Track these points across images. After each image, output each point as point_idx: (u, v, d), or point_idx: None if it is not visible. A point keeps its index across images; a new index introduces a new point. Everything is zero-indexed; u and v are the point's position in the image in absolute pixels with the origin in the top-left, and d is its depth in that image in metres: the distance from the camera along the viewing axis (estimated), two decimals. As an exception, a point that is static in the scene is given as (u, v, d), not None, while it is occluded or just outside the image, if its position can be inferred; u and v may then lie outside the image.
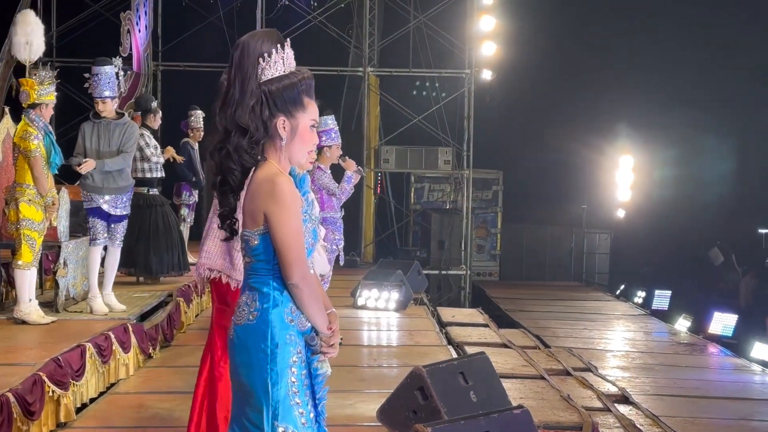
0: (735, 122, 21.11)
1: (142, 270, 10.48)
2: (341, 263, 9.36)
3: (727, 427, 8.48)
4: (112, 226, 8.33)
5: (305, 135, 3.43)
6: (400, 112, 18.74)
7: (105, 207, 8.21)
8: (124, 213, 8.36)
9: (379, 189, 21.08)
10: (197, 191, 12.32)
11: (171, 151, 11.32)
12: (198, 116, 12.24)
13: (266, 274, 3.34)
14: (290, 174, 3.43)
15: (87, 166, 8.05)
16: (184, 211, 12.16)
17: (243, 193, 3.37)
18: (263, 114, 3.31)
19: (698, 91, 20.37)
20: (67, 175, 9.57)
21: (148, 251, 10.40)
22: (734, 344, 13.90)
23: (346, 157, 9.21)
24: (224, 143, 3.31)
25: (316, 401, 3.39)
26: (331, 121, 8.98)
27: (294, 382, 3.30)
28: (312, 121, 3.45)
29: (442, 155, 19.09)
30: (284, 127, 3.35)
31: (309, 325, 3.38)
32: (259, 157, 3.34)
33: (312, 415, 3.35)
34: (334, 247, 8.96)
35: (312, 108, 3.44)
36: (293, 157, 3.43)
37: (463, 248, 19.16)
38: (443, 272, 19.32)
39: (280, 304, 3.32)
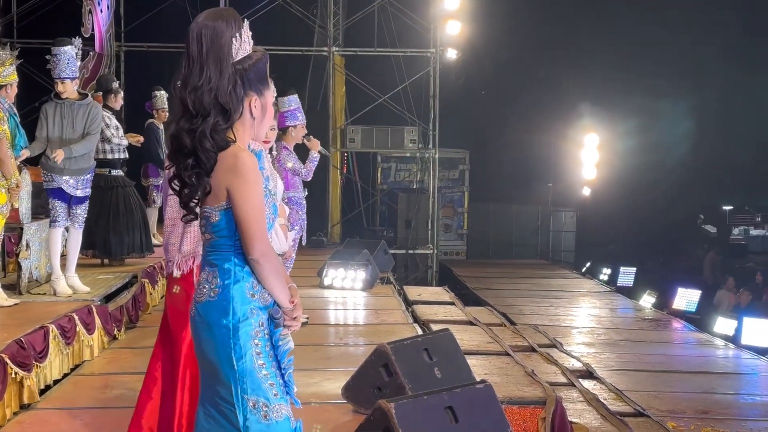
0: (690, 82, 21.26)
1: (102, 250, 10.37)
2: (304, 243, 9.34)
3: (690, 400, 8.58)
4: (74, 207, 8.25)
5: (270, 111, 3.48)
6: (366, 92, 18.76)
7: (66, 188, 8.12)
8: (86, 194, 8.27)
9: (345, 169, 21.11)
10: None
11: (134, 138, 11.21)
12: (162, 96, 12.16)
13: (228, 250, 3.33)
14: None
15: (58, 156, 7.94)
16: (154, 193, 12.07)
17: None
18: (238, 94, 3.33)
19: (654, 59, 20.48)
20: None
21: (108, 231, 10.29)
22: (698, 319, 14.09)
23: (311, 137, 9.21)
24: (196, 125, 3.28)
25: (282, 371, 3.39)
26: (295, 101, 8.99)
27: (259, 354, 3.30)
28: (273, 98, 3.49)
29: (408, 135, 19.13)
30: (255, 106, 3.38)
31: (271, 299, 3.38)
32: (232, 137, 3.33)
33: (282, 386, 3.36)
34: (297, 227, 8.91)
35: (271, 84, 3.49)
36: (260, 134, 3.47)
37: (429, 227, 19.28)
38: (410, 251, 19.47)
39: (242, 280, 3.32)
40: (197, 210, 3.41)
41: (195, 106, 3.27)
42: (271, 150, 7.06)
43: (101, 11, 14.95)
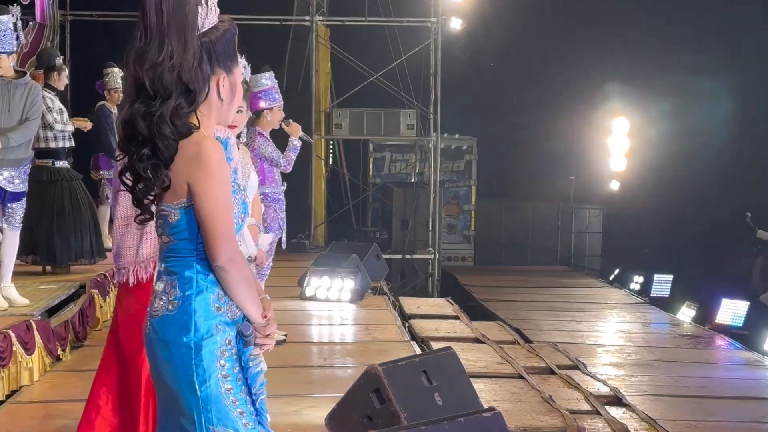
0: (732, 56, 21.15)
1: (45, 256, 10.27)
2: (284, 247, 9.37)
3: (737, 430, 8.57)
4: (9, 205, 8.18)
5: (240, 92, 3.50)
6: (355, 69, 18.71)
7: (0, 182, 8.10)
8: (23, 189, 8.21)
9: (330, 159, 21.10)
10: (121, 163, 12.14)
11: (80, 122, 11.20)
12: (115, 75, 12.14)
13: (189, 255, 3.34)
14: None
15: None
16: (106, 188, 12.06)
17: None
18: (204, 71, 3.33)
19: (692, 30, 20.43)
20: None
21: (52, 234, 10.18)
22: (745, 336, 13.97)
23: (290, 121, 9.22)
24: (154, 108, 3.26)
25: (253, 397, 3.39)
26: (270, 80, 8.97)
27: (226, 377, 3.30)
28: (242, 76, 3.50)
29: (405, 119, 19.10)
30: (224, 85, 3.40)
31: (240, 313, 3.38)
32: (195, 123, 3.34)
33: (254, 415, 3.37)
34: (276, 227, 8.95)
35: (242, 59, 3.51)
36: (227, 118, 3.49)
37: (430, 228, 19.26)
38: (407, 257, 19.41)
39: (206, 290, 3.33)
40: (153, 208, 3.40)
41: (154, 85, 3.24)
42: (239, 136, 7.04)
43: (43, -26, 14.91)
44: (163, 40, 3.25)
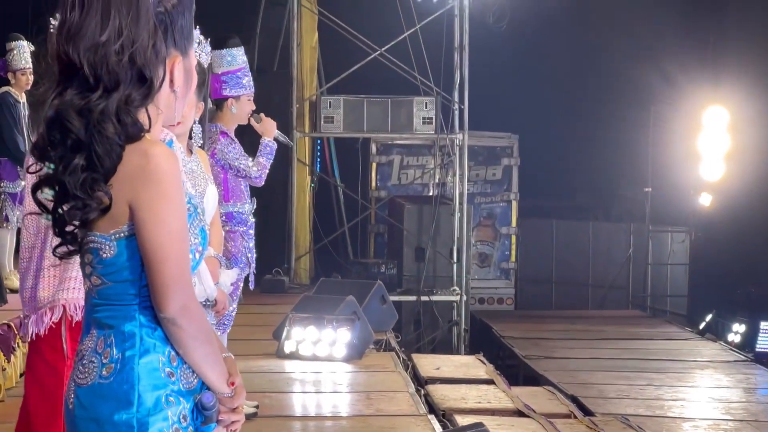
0: None
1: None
2: (252, 287, 9.39)
3: None
4: None
5: (194, 80, 3.57)
6: (351, 43, 18.71)
7: None
8: None
9: (318, 166, 21.03)
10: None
11: None
12: (21, 50, 12.17)
13: (129, 303, 3.35)
14: None
15: None
16: (8, 206, 12.17)
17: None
18: (160, 52, 3.34)
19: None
20: None
21: None
22: None
23: (262, 116, 9.28)
24: (94, 101, 3.25)
25: None
26: (239, 57, 9.02)
27: None
28: (196, 58, 3.58)
29: (421, 110, 18.97)
30: (179, 71, 3.43)
31: (198, 380, 3.41)
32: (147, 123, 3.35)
33: None
34: (243, 260, 8.97)
35: (198, 35, 3.55)
36: (175, 116, 3.52)
37: (455, 260, 19.11)
38: (424, 299, 19.11)
39: (153, 349, 3.34)
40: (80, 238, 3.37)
41: (96, 72, 3.24)
42: (190, 136, 6.99)
43: None
44: (108, 10, 3.24)
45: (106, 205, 3.27)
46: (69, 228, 3.35)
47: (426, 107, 18.98)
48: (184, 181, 3.51)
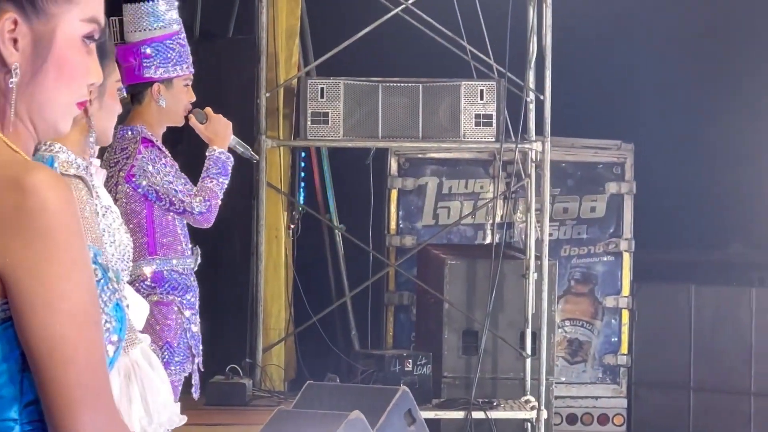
0: None
1: None
2: (195, 395, 8.52)
3: None
4: None
5: (70, 54, 2.77)
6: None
7: None
8: None
9: (301, 195, 17.50)
10: None
11: None
12: None
13: (9, 419, 2.72)
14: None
15: None
16: None
17: None
18: None
19: None
20: None
21: None
22: None
23: (209, 110, 8.33)
24: None
25: None
26: (166, 17, 8.19)
27: None
28: (89, 25, 2.77)
29: (473, 103, 14.86)
30: (16, 39, 2.70)
31: None
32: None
33: None
34: (183, 349, 8.15)
35: None
36: (42, 112, 2.74)
37: (528, 352, 15.54)
38: (477, 415, 15.87)
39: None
40: None
41: None
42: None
43: None
44: None
45: None
46: None
47: (481, 98, 14.87)
48: (87, 227, 3.01)
